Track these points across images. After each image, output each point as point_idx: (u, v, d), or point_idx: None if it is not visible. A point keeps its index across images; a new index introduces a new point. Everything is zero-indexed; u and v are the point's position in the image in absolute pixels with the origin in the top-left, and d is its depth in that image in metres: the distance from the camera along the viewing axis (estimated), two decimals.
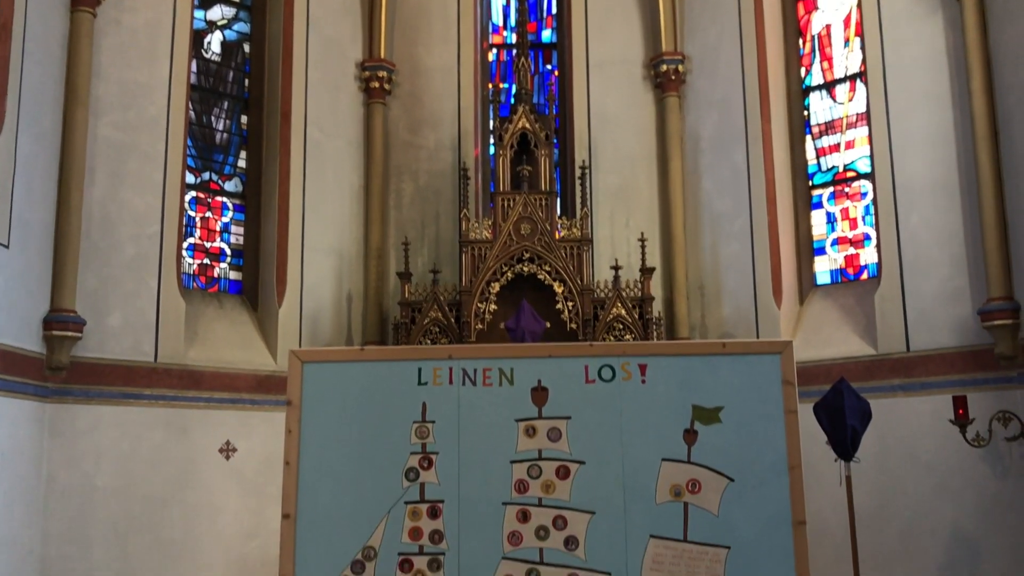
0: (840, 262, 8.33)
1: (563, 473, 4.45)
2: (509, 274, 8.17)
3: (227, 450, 7.74)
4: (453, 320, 8.11)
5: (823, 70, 8.69)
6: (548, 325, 7.70)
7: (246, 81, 8.93)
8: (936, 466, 6.98)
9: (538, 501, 4.42)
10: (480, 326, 8.04)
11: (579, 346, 4.70)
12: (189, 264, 8.35)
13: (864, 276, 8.12)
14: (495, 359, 4.60)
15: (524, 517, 4.41)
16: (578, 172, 8.79)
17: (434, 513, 4.43)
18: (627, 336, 8.06)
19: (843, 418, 5.76)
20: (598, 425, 4.46)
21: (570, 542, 4.37)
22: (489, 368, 4.57)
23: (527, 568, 4.37)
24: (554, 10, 9.92)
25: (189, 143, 8.23)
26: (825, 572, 6.56)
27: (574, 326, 8.02)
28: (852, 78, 8.45)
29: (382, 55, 9.19)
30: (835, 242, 8.38)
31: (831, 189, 8.47)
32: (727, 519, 4.34)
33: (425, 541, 4.40)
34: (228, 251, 8.64)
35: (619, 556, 4.33)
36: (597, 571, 4.35)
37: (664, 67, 9.04)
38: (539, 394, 4.54)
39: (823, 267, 8.43)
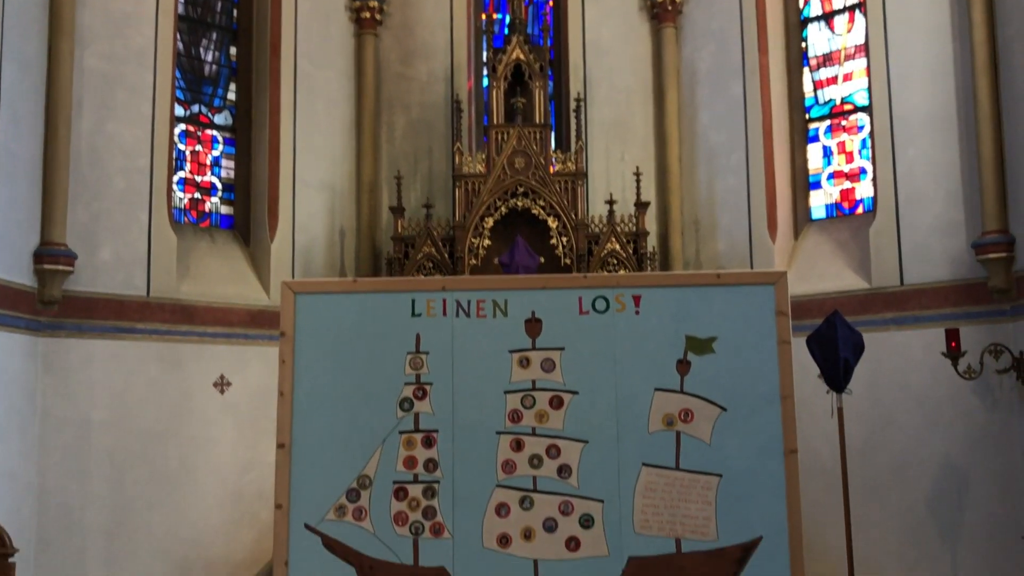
0: (835, 196, 8.28)
1: (556, 403, 4.46)
2: (503, 209, 8.11)
3: (221, 384, 7.76)
4: (447, 255, 8.08)
5: (822, 1, 8.53)
6: (542, 260, 7.69)
7: (234, 11, 8.75)
8: (927, 399, 7.03)
9: (531, 431, 4.43)
10: (474, 261, 8.01)
11: (573, 277, 4.68)
12: (180, 198, 8.28)
13: (859, 210, 8.09)
14: (489, 291, 4.58)
15: (518, 446, 4.43)
16: (573, 105, 8.67)
17: (428, 442, 4.44)
18: (621, 271, 8.04)
19: (836, 350, 5.78)
20: (592, 356, 4.46)
21: (563, 470, 4.40)
22: (483, 300, 4.55)
23: (521, 496, 4.40)
24: None
25: (177, 75, 8.10)
26: (816, 502, 6.65)
27: (568, 261, 8.00)
28: (851, 9, 8.31)
29: None
30: (831, 176, 8.33)
31: (828, 122, 8.39)
32: (719, 448, 4.35)
33: (420, 470, 4.42)
34: (219, 185, 8.56)
35: (612, 484, 4.36)
36: (590, 498, 4.37)
37: None
38: (533, 325, 4.53)
39: (818, 201, 8.39)
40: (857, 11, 8.21)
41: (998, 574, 6.59)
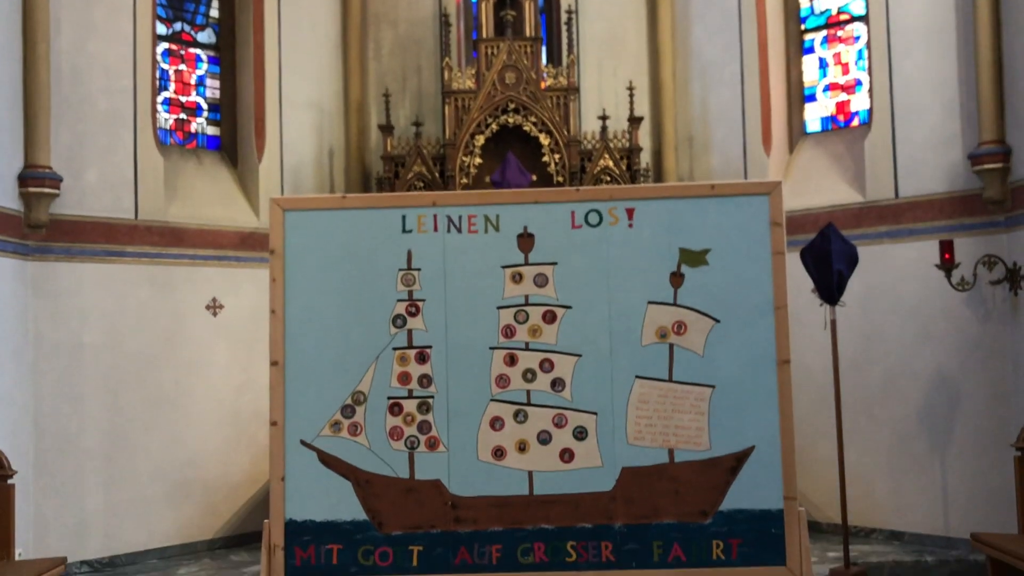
0: (831, 109, 8.17)
1: (549, 318, 4.47)
2: (494, 126, 7.99)
3: (214, 307, 7.73)
4: (437, 174, 7.99)
5: None
6: (534, 178, 7.62)
7: None
8: (919, 311, 7.04)
9: (525, 345, 4.47)
10: (465, 180, 7.93)
11: (565, 191, 4.64)
12: (165, 119, 8.13)
13: (855, 123, 7.98)
14: (480, 205, 4.55)
15: (511, 361, 4.46)
16: (564, 18, 8.48)
17: (422, 358, 4.47)
18: None
19: (829, 262, 5.76)
20: (585, 270, 4.47)
21: (557, 384, 4.44)
22: (474, 215, 4.53)
23: (515, 409, 4.44)
24: None
25: None
26: (807, 415, 6.72)
27: (561, 179, 7.92)
28: None
29: None
30: (827, 88, 8.20)
31: (824, 33, 8.22)
32: (712, 359, 4.40)
33: (414, 385, 4.46)
34: (204, 106, 8.40)
35: (605, 396, 4.41)
36: (584, 411, 4.43)
37: None
38: (525, 240, 4.52)
39: (814, 114, 8.28)
40: None
41: (986, 485, 6.68)
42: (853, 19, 8.04)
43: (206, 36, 8.44)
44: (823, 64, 8.23)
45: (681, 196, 4.52)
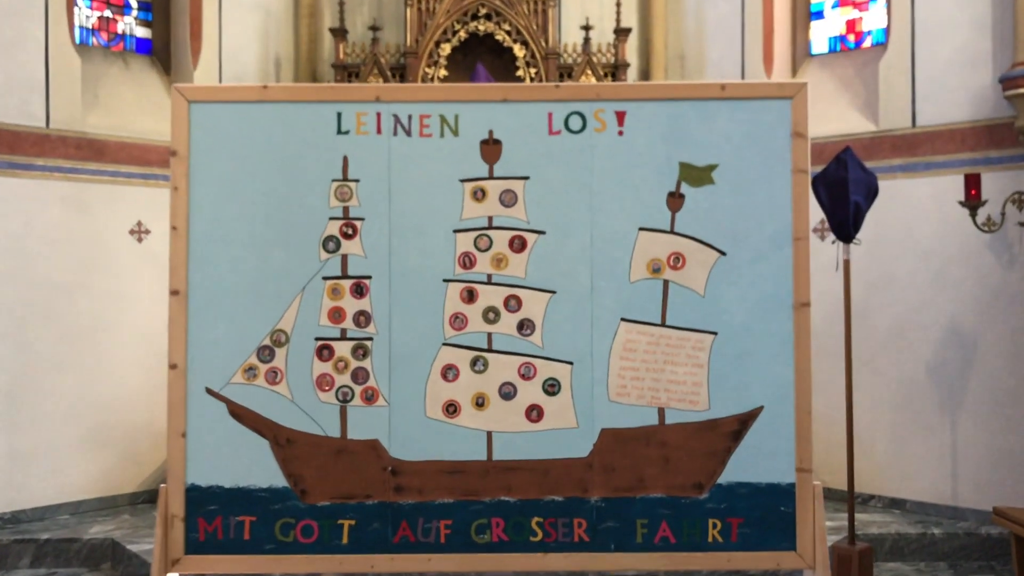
0: (841, 27, 7.29)
1: (518, 245, 3.65)
2: (462, 33, 7.06)
3: (139, 232, 6.82)
4: None
5: None
6: None
7: None
8: (934, 254, 6.29)
9: (487, 278, 3.65)
10: None
11: (542, 87, 3.76)
12: (86, 16, 7.11)
13: (866, 44, 7.13)
14: (435, 103, 3.68)
15: (470, 297, 3.64)
16: None
17: (359, 291, 3.64)
18: None
19: (846, 192, 4.95)
20: (563, 187, 3.65)
21: (525, 326, 3.63)
22: (428, 114, 3.67)
23: (472, 356, 3.64)
24: None
25: None
26: None
27: None
28: None
29: None
30: (836, 3, 7.32)
31: None
32: (715, 300, 3.62)
33: (348, 324, 3.64)
34: (134, 3, 7.37)
35: (583, 343, 3.62)
36: (556, 360, 3.64)
37: None
38: (490, 148, 3.67)
39: (820, 33, 7.40)
40: None
41: (1001, 449, 6.02)
42: None
43: None
44: None
45: (684, 98, 3.67)
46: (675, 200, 3.63)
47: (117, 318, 6.70)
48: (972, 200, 5.72)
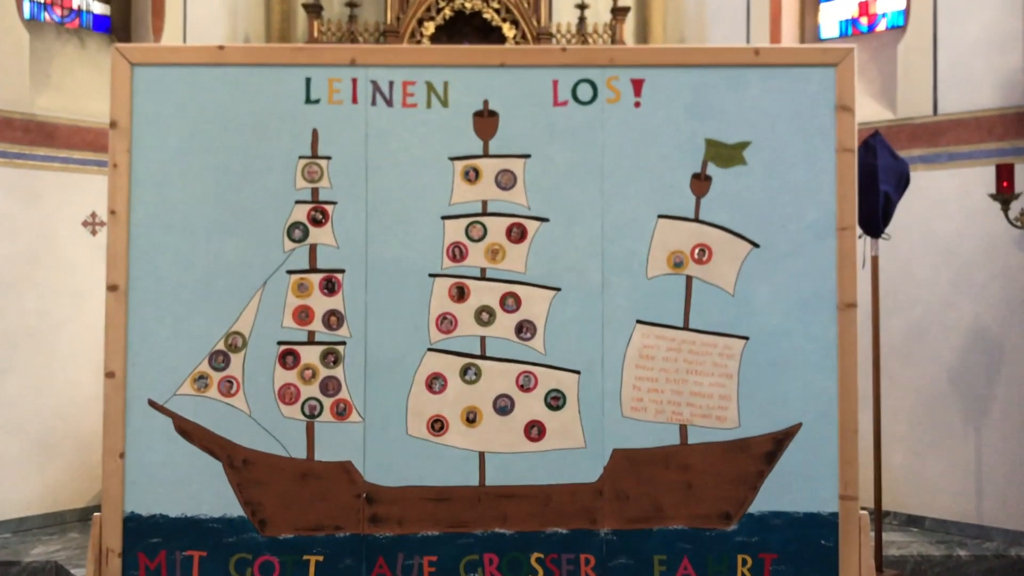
0: (853, 11, 6.84)
1: (517, 234, 3.14)
2: (447, 11, 6.56)
3: (93, 223, 6.27)
4: None
5: None
6: None
7: None
8: (958, 252, 5.86)
9: (480, 272, 3.16)
10: None
11: (547, 50, 3.23)
12: None
13: (881, 27, 6.68)
14: (421, 67, 3.17)
15: (460, 294, 3.13)
16: None
17: (330, 287, 3.11)
18: None
19: (874, 182, 4.48)
20: (569, 167, 3.15)
21: (524, 329, 3.12)
22: (412, 81, 3.15)
23: (463, 364, 3.12)
24: None
25: None
26: None
27: None
28: None
29: None
30: None
31: None
32: (746, 299, 3.14)
33: (317, 325, 3.12)
34: None
35: (592, 348, 3.12)
36: (561, 368, 3.13)
37: None
38: (485, 121, 3.16)
39: (831, 17, 6.96)
40: None
41: None
42: None
43: None
44: None
45: (711, 64, 3.17)
46: (700, 183, 3.14)
47: (68, 317, 6.16)
48: (1004, 192, 5.27)
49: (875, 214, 4.49)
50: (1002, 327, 5.71)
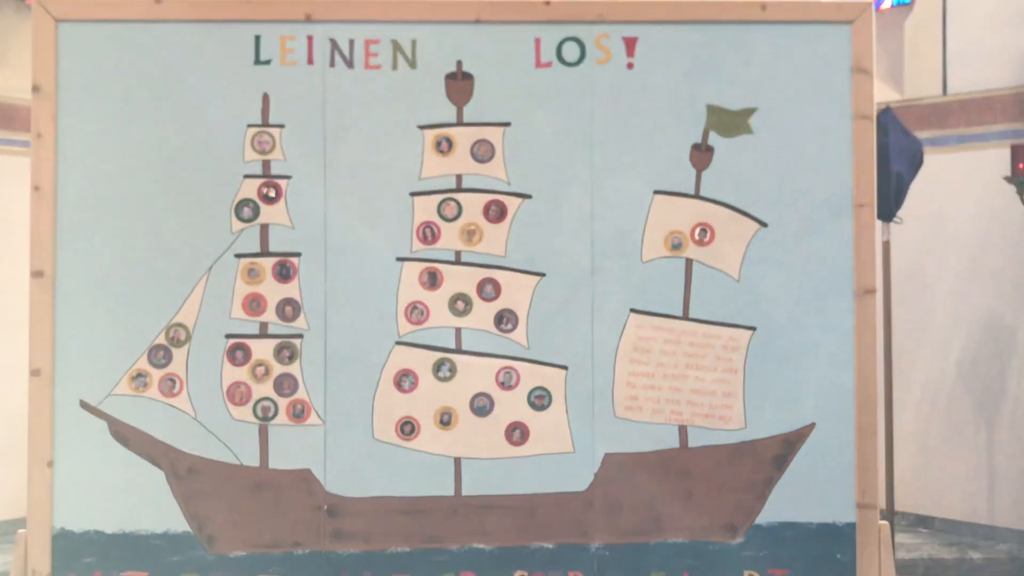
0: None
1: (495, 213, 2.87)
2: None
3: None
4: None
5: None
6: None
7: None
8: (969, 239, 5.63)
9: (455, 256, 2.88)
10: None
11: (527, 4, 2.93)
12: None
13: (886, 4, 6.41)
14: (385, 23, 2.88)
15: (432, 281, 2.85)
16: None
17: (285, 272, 2.82)
18: None
19: (886, 162, 4.21)
20: (554, 136, 2.89)
21: (505, 319, 2.84)
22: (375, 39, 2.87)
23: (436, 359, 2.84)
24: None
25: None
26: None
27: None
28: None
29: None
30: None
31: None
32: (753, 285, 2.89)
33: (270, 316, 2.85)
34: None
35: (581, 341, 2.88)
36: (546, 364, 2.86)
37: None
38: (458, 85, 2.87)
39: None
40: None
41: None
42: None
43: None
44: None
45: (713, 20, 2.90)
46: (701, 155, 2.87)
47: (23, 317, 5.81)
48: (1021, 174, 5.00)
49: (887, 196, 4.23)
50: (1017, 316, 5.48)
